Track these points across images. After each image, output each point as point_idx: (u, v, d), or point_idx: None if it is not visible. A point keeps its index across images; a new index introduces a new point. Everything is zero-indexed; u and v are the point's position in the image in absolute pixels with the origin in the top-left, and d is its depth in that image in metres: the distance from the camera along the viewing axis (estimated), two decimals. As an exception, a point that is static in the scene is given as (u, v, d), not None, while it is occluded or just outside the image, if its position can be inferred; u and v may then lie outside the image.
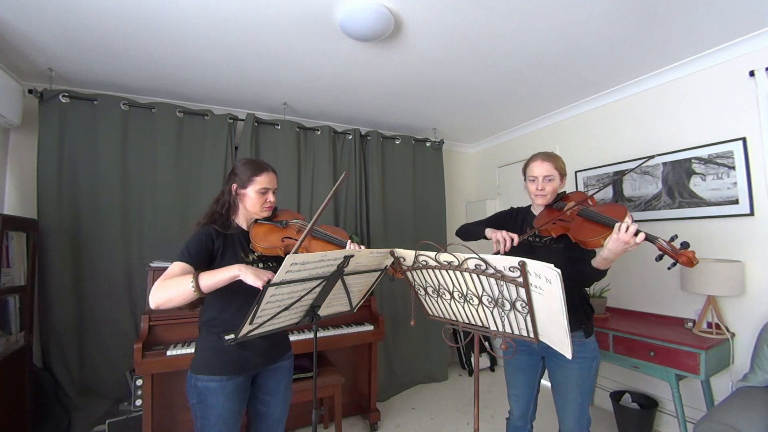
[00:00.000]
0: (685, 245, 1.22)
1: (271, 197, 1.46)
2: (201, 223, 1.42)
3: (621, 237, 1.25)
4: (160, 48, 2.17)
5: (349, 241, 1.45)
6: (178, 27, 1.97)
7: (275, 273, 1.06)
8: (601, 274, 1.43)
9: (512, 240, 1.49)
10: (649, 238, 1.25)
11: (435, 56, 2.30)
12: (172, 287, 1.19)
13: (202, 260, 1.31)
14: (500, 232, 1.53)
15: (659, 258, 1.28)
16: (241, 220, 1.48)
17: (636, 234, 1.24)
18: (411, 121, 3.53)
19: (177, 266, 1.26)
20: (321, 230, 1.51)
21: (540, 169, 1.61)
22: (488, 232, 1.63)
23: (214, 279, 1.19)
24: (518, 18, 1.92)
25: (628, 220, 1.34)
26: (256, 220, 1.48)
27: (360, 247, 1.34)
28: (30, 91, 2.39)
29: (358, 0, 1.76)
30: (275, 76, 2.55)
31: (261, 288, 1.08)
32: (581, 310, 1.55)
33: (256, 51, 2.22)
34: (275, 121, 3.05)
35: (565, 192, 1.69)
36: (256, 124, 2.97)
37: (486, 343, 1.53)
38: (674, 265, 1.26)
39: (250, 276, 1.15)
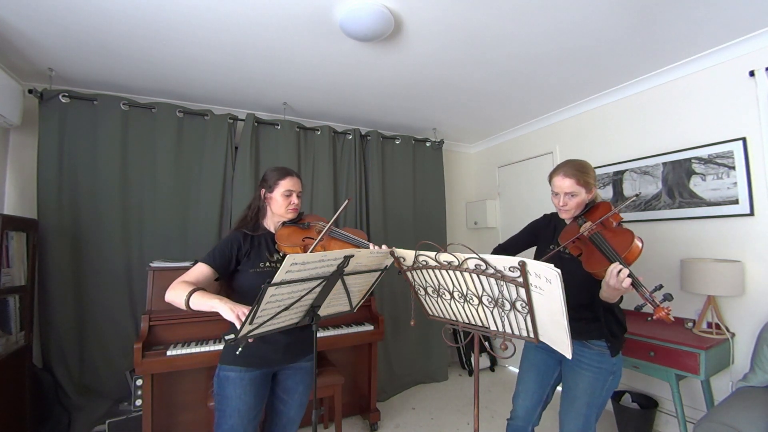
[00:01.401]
0: (667, 297, 1.20)
1: (295, 199, 1.55)
2: (234, 227, 1.56)
3: (610, 282, 1.25)
4: (160, 48, 2.17)
5: (371, 244, 1.46)
6: (178, 27, 1.97)
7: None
8: (614, 302, 1.41)
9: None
10: (634, 285, 1.23)
11: (435, 56, 2.30)
12: (176, 293, 1.30)
13: (225, 265, 1.43)
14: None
15: (639, 307, 1.25)
16: (269, 223, 1.58)
17: (623, 282, 1.23)
18: (411, 121, 3.53)
19: (198, 267, 1.39)
20: (341, 231, 1.56)
21: (561, 185, 1.55)
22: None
23: (199, 303, 1.27)
24: (518, 18, 1.92)
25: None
26: (283, 223, 1.55)
27: (382, 247, 1.39)
28: (30, 91, 2.39)
29: (358, 0, 1.76)
30: (275, 76, 2.55)
31: (233, 321, 1.16)
32: (605, 325, 1.49)
33: (256, 51, 2.22)
34: (275, 121, 3.05)
35: (594, 201, 1.61)
36: (256, 124, 2.97)
37: (486, 343, 1.53)
38: (651, 317, 1.23)
39: (226, 310, 1.20)
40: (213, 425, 1.42)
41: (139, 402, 2.09)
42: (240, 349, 1.17)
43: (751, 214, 2.14)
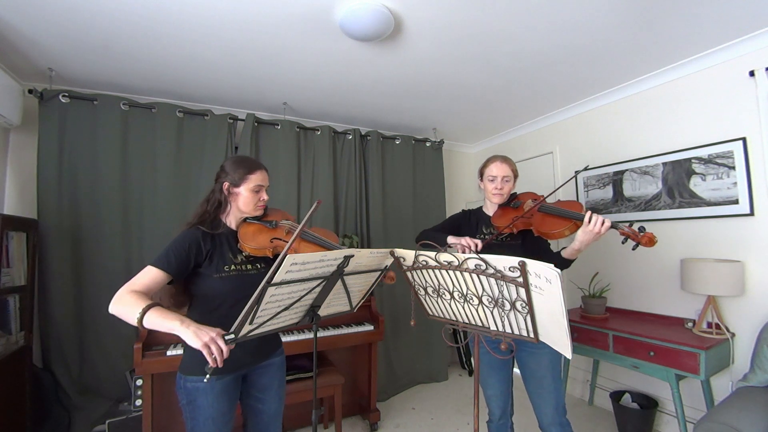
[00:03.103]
0: (642, 229, 1.35)
1: (264, 195, 1.45)
2: (190, 224, 1.39)
3: (594, 229, 1.38)
4: (160, 48, 2.17)
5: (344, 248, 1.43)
6: (178, 27, 1.97)
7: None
8: (567, 264, 1.52)
9: (476, 245, 1.55)
10: (613, 225, 1.39)
11: (435, 56, 2.30)
12: (125, 307, 1.13)
13: (183, 269, 1.27)
14: (464, 238, 1.59)
15: (624, 241, 1.40)
16: (231, 220, 1.45)
17: (603, 223, 1.38)
18: (411, 121, 3.53)
19: (149, 273, 1.21)
20: (311, 233, 1.49)
21: (499, 170, 1.74)
22: (451, 239, 1.67)
23: (155, 323, 1.11)
24: (518, 17, 1.92)
25: (589, 212, 1.46)
26: (245, 219, 1.46)
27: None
28: (30, 91, 2.39)
29: (358, 0, 1.77)
30: (275, 76, 2.55)
31: (201, 350, 1.02)
32: None
33: (256, 51, 2.22)
34: (275, 121, 3.05)
35: (516, 192, 1.80)
36: (256, 124, 2.97)
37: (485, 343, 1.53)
38: (637, 246, 1.37)
39: (190, 335, 1.04)
40: None
41: (139, 402, 2.09)
42: (208, 376, 1.04)
43: (751, 214, 2.14)
